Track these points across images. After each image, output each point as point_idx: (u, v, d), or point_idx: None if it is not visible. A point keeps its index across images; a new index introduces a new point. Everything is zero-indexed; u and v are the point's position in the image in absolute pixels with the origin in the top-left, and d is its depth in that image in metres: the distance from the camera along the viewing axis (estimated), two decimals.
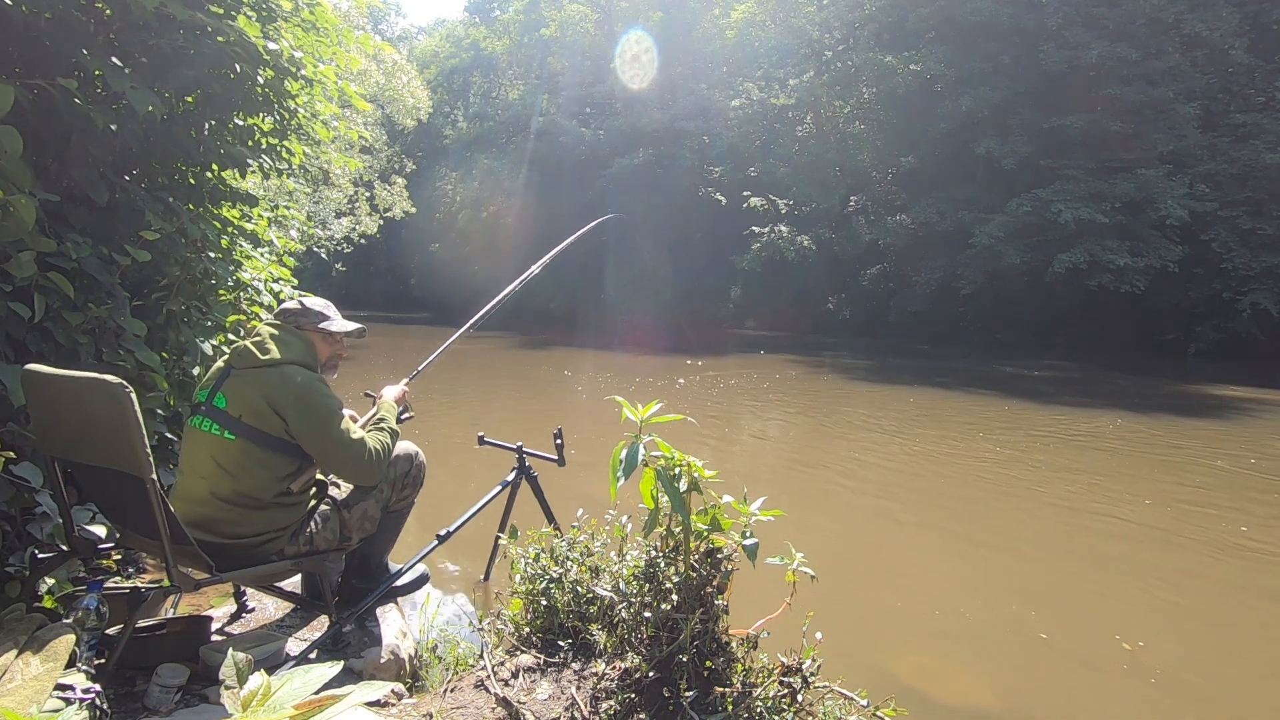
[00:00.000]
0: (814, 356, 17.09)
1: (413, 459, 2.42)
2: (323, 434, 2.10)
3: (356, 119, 13.68)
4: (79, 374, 1.81)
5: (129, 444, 1.75)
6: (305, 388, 2.11)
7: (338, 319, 2.36)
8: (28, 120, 2.42)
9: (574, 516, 2.55)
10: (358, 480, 2.22)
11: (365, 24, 12.34)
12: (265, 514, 2.08)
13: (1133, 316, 20.44)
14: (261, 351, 2.14)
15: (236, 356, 2.16)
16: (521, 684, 2.08)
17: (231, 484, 2.04)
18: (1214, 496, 5.70)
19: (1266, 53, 20.72)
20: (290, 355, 2.16)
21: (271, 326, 2.25)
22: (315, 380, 2.17)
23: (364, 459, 2.14)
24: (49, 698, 1.55)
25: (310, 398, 2.11)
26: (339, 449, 2.11)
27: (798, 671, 1.84)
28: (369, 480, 2.20)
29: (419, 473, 2.45)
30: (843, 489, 5.80)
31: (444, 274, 36.61)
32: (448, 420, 7.98)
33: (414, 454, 2.43)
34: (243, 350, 2.16)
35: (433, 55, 44.03)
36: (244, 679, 1.07)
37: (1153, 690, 2.87)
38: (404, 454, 2.41)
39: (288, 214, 5.24)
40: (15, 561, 2.20)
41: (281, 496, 2.10)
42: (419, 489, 2.46)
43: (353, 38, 3.84)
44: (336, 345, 2.37)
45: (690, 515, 1.87)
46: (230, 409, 2.08)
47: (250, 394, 2.08)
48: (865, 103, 26.59)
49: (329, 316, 2.35)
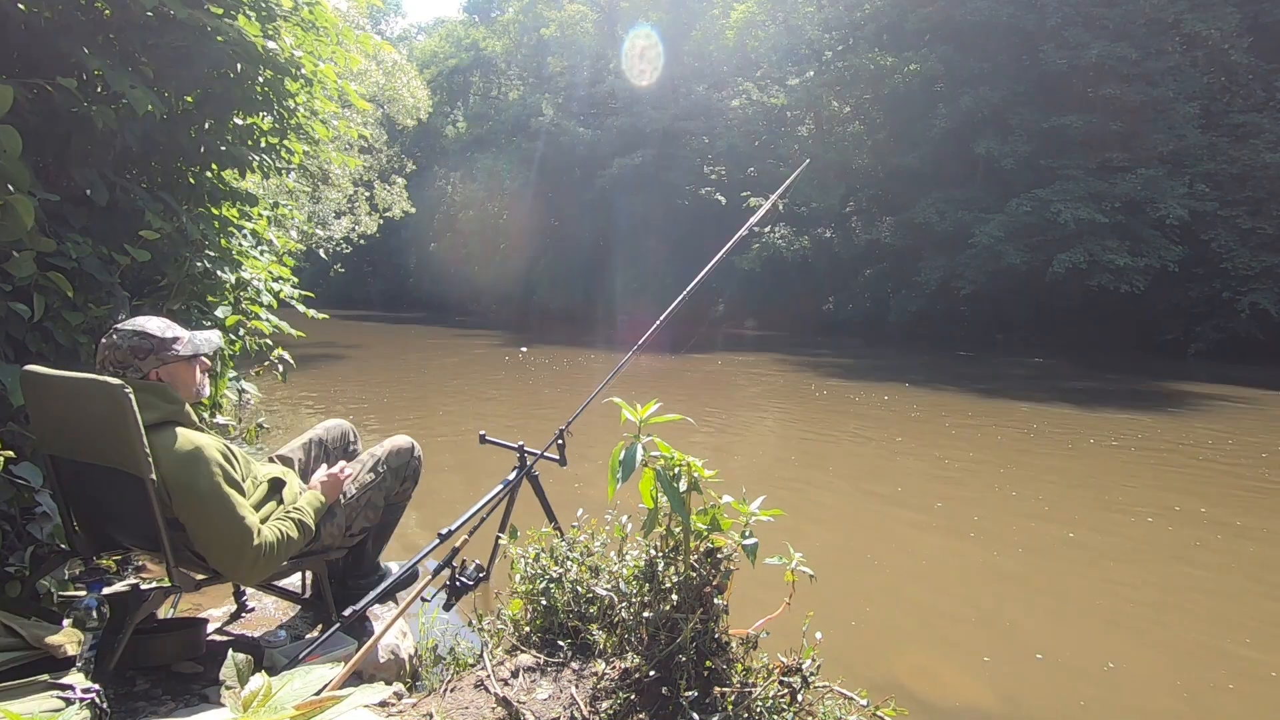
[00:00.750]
0: (814, 356, 17.09)
1: (410, 452, 2.41)
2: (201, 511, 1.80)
3: (356, 118, 13.68)
4: (78, 374, 1.81)
5: (128, 444, 1.74)
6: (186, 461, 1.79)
7: (186, 334, 1.96)
8: (28, 120, 2.43)
9: (575, 516, 2.55)
10: (227, 570, 1.88)
11: (365, 24, 12.33)
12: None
13: (1133, 316, 20.44)
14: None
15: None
16: (521, 684, 2.08)
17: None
18: (1216, 497, 5.70)
19: (1266, 53, 20.72)
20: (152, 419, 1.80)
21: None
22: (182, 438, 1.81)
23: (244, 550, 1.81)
24: (49, 698, 1.56)
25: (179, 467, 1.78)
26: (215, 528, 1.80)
27: (797, 671, 1.84)
28: (245, 575, 1.89)
29: (417, 466, 2.44)
30: (842, 489, 5.80)
31: (442, 274, 36.65)
32: (448, 419, 7.98)
33: (410, 447, 2.42)
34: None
35: (433, 55, 44.01)
36: (244, 679, 1.07)
37: (1154, 690, 2.87)
38: (402, 448, 2.40)
39: (288, 214, 5.24)
40: (15, 561, 2.20)
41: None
42: (416, 483, 2.46)
43: (352, 37, 3.84)
44: (193, 367, 1.99)
45: (690, 515, 1.87)
46: None
47: None
48: (865, 103, 26.58)
49: (168, 338, 1.92)
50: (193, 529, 1.82)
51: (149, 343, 1.90)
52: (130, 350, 1.88)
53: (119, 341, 1.88)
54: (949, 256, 21.88)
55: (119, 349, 1.88)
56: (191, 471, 1.79)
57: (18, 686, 1.60)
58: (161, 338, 1.92)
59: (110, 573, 2.63)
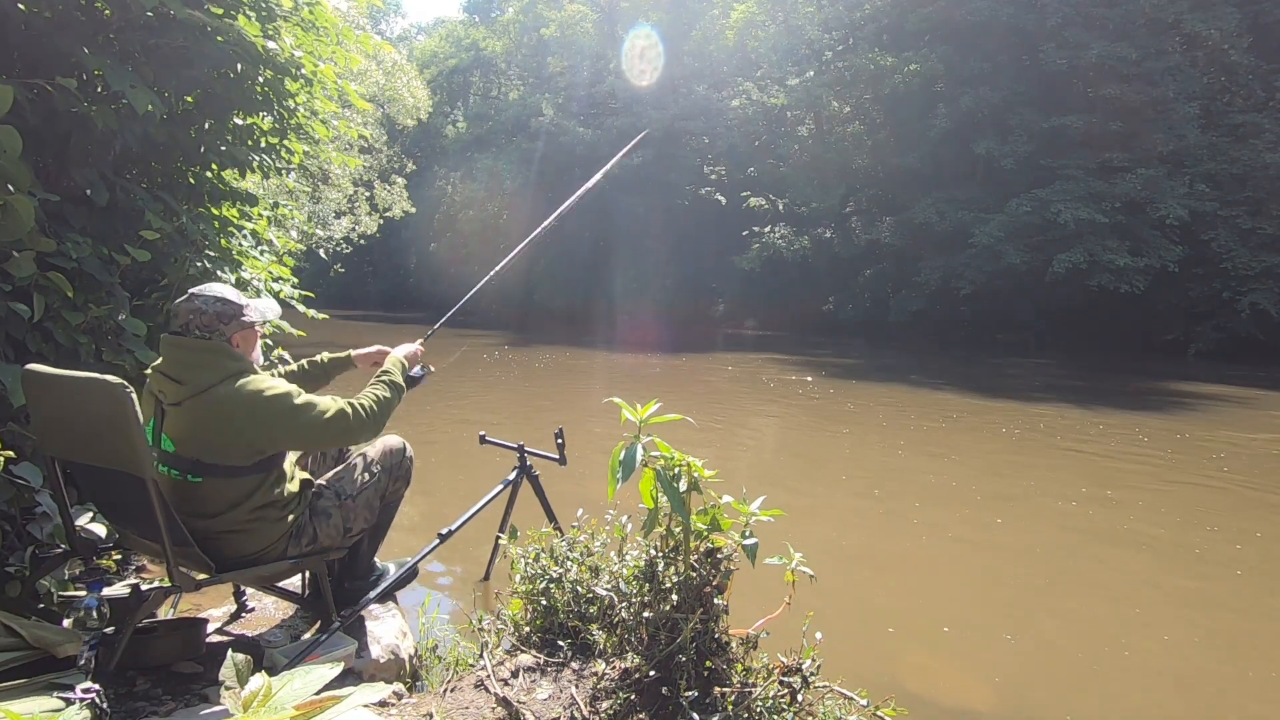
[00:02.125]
0: (814, 356, 17.09)
1: (402, 452, 2.42)
2: (294, 433, 1.96)
3: (356, 118, 13.68)
4: (79, 374, 1.81)
5: (129, 444, 1.74)
6: (254, 400, 1.90)
7: (251, 303, 2.09)
8: (28, 120, 2.43)
9: (575, 516, 2.55)
10: (354, 443, 2.14)
11: (365, 24, 12.33)
12: (252, 535, 2.02)
13: (1133, 316, 20.44)
14: (181, 381, 1.90)
15: (159, 391, 1.93)
16: (521, 684, 2.08)
17: (206, 524, 1.94)
18: (1217, 496, 5.71)
19: (1266, 53, 20.72)
20: (216, 374, 1.91)
21: (177, 346, 1.94)
22: (256, 384, 1.93)
23: (349, 428, 2.01)
24: (49, 698, 1.56)
25: (264, 408, 1.91)
26: (318, 434, 1.98)
27: (797, 671, 1.84)
28: (367, 438, 2.09)
29: (409, 465, 2.44)
30: (842, 489, 5.80)
31: (442, 274, 36.64)
32: (449, 419, 7.98)
33: (403, 447, 2.42)
34: (161, 383, 1.91)
35: (433, 55, 44.01)
36: (244, 679, 1.07)
37: (1154, 690, 2.87)
38: (394, 448, 2.40)
39: (288, 214, 5.24)
40: (15, 561, 2.20)
41: (265, 509, 2.01)
42: (408, 482, 2.45)
43: (352, 37, 3.84)
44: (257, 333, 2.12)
45: (690, 515, 1.87)
46: (182, 451, 1.91)
47: (198, 431, 1.90)
48: (865, 103, 26.58)
49: (242, 305, 2.03)
50: (297, 444, 2.03)
51: (231, 308, 2.00)
52: (216, 315, 1.97)
53: (203, 307, 1.97)
54: (949, 256, 21.88)
55: (204, 314, 1.96)
56: (264, 408, 1.91)
57: (18, 686, 1.60)
58: (240, 304, 2.03)
59: (110, 573, 2.63)
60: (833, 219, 26.82)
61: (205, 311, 1.97)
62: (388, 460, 2.34)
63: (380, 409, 2.11)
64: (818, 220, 27.06)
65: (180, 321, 1.98)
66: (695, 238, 29.32)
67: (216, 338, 1.97)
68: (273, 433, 1.94)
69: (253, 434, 1.91)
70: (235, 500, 1.96)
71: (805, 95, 27.26)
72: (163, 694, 1.95)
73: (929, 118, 23.41)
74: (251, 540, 2.02)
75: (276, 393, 1.94)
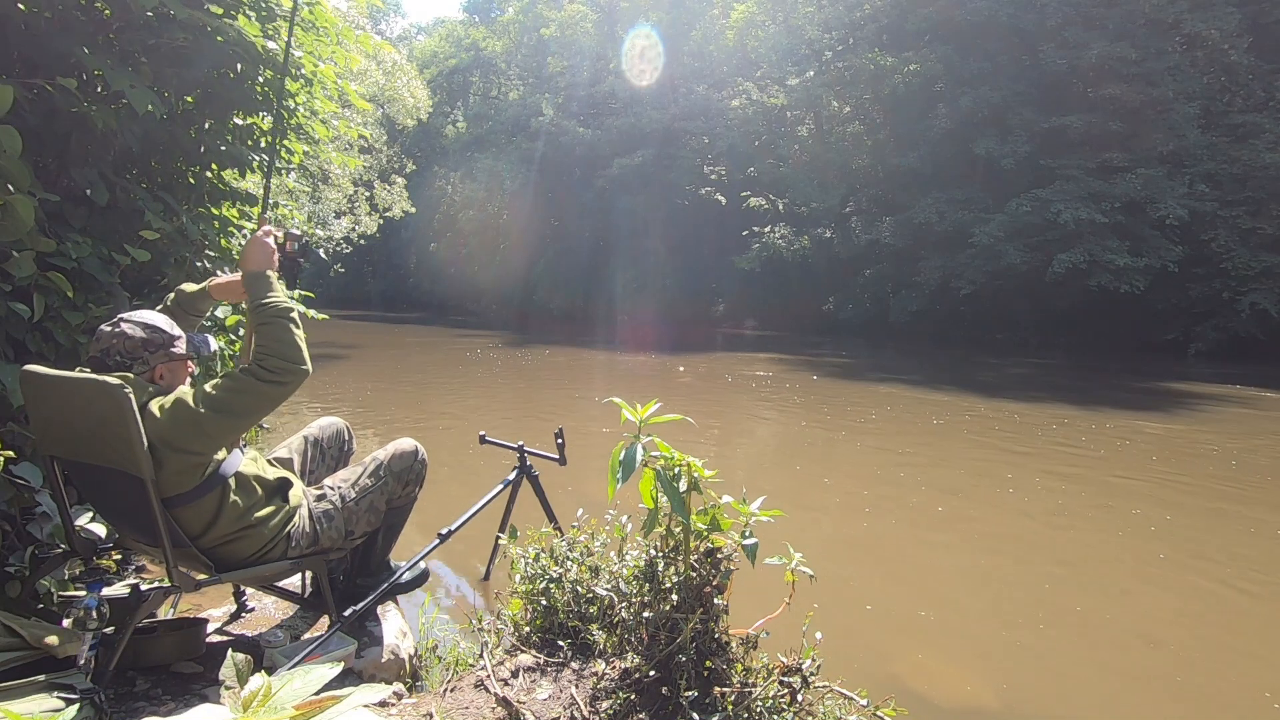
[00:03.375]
0: (814, 356, 17.09)
1: (414, 455, 2.41)
2: (203, 427, 1.80)
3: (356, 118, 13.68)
4: (78, 374, 1.81)
5: (128, 444, 1.74)
6: (162, 422, 1.78)
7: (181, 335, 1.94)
8: (28, 120, 2.43)
9: (575, 516, 2.55)
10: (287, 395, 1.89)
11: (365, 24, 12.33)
12: (248, 539, 2.00)
13: (1133, 316, 20.44)
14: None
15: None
16: (521, 683, 2.08)
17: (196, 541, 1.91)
18: (1219, 496, 5.70)
19: (1266, 53, 20.72)
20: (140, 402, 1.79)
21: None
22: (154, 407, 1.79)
23: (265, 391, 1.82)
24: (49, 698, 1.56)
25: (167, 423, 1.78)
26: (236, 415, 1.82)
27: (797, 671, 1.84)
28: (295, 381, 1.86)
29: (421, 469, 2.43)
30: (842, 488, 5.80)
31: (442, 274, 36.68)
32: (449, 419, 7.98)
33: (414, 450, 2.42)
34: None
35: (432, 55, 44.03)
36: (244, 679, 1.07)
37: (1154, 690, 2.87)
38: (406, 451, 2.38)
39: (288, 214, 5.24)
40: (15, 561, 2.20)
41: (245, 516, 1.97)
42: (421, 485, 2.45)
43: (352, 37, 3.84)
44: (187, 367, 1.98)
45: (690, 515, 1.87)
46: None
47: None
48: (865, 103, 26.60)
49: (174, 335, 1.91)
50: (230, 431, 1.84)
51: (161, 337, 1.89)
52: (142, 343, 1.86)
53: (129, 332, 1.86)
54: (949, 256, 21.89)
55: (129, 339, 1.85)
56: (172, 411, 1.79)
57: (18, 686, 1.60)
58: (170, 334, 1.92)
59: (110, 573, 2.63)
60: (833, 219, 26.83)
61: (130, 337, 1.85)
62: (397, 464, 2.33)
63: (283, 350, 1.85)
64: (818, 220, 27.07)
65: (100, 347, 1.84)
66: (695, 238, 29.34)
67: (139, 366, 1.85)
68: (193, 442, 1.80)
69: (175, 456, 1.80)
70: (208, 520, 1.91)
71: (805, 95, 27.28)
72: (163, 694, 1.95)
73: (929, 118, 23.42)
74: (246, 545, 2.01)
75: (173, 398, 1.80)
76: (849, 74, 25.74)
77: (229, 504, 1.93)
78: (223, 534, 1.95)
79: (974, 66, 22.91)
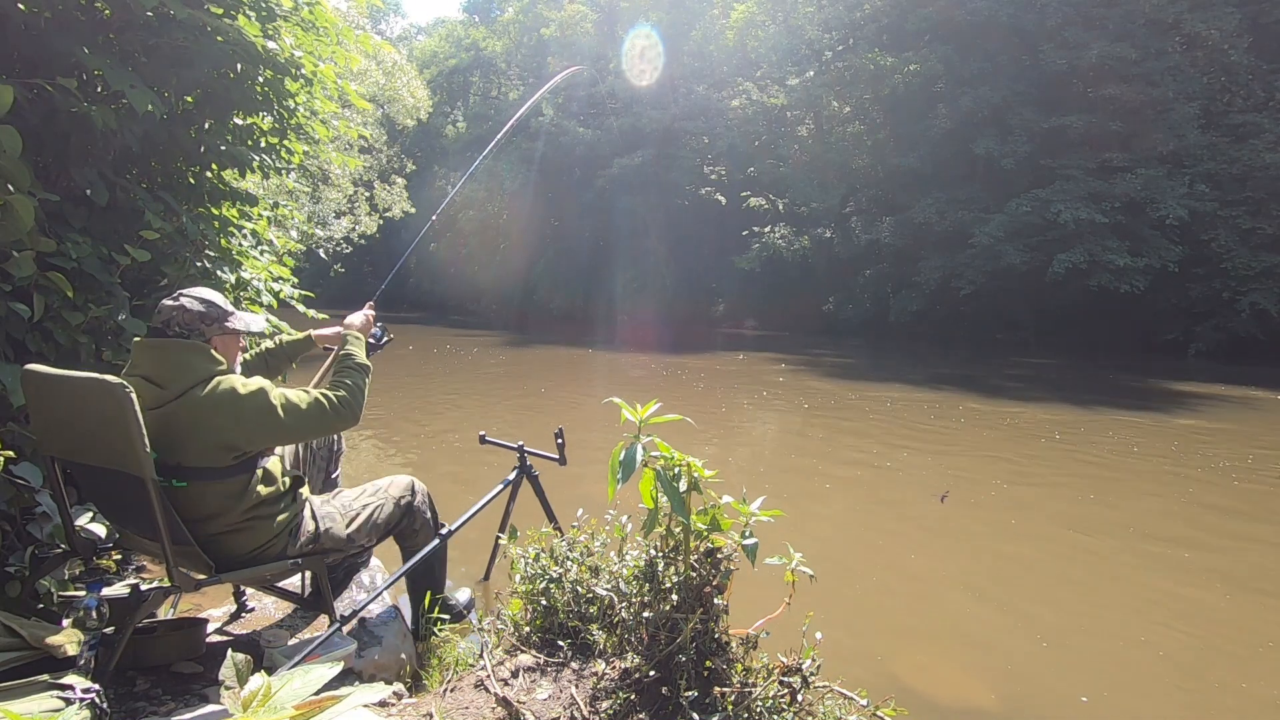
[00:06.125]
0: (814, 356, 17.09)
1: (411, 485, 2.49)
2: (273, 430, 1.94)
3: (356, 118, 13.69)
4: (79, 374, 1.81)
5: (129, 444, 1.74)
6: (232, 399, 1.88)
7: (237, 312, 2.07)
8: (28, 120, 2.43)
9: (575, 516, 2.55)
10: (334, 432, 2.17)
11: (365, 24, 12.34)
12: (249, 533, 2.02)
13: (1133, 316, 20.44)
14: (161, 385, 1.87)
15: (137, 394, 1.79)
16: (521, 683, 2.08)
17: (202, 526, 1.93)
18: (1220, 496, 5.70)
19: (1266, 53, 20.72)
20: (195, 376, 1.89)
21: (157, 348, 1.91)
22: (231, 384, 1.91)
23: (326, 419, 2.02)
24: (49, 698, 1.56)
25: (241, 406, 1.88)
26: (297, 429, 1.98)
27: (797, 671, 1.84)
28: (346, 426, 2.10)
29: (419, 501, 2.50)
30: (842, 489, 5.80)
31: (442, 274, 36.64)
32: (449, 419, 7.98)
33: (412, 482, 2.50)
34: (138, 387, 1.79)
35: (432, 55, 44.00)
36: (244, 679, 1.07)
37: (1154, 689, 2.87)
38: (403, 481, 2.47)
39: (288, 214, 5.24)
40: (15, 561, 2.20)
41: (258, 508, 2.00)
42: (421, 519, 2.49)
43: (352, 36, 3.84)
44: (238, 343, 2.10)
45: (690, 515, 1.87)
46: (163, 456, 1.84)
47: (178, 435, 1.86)
48: (865, 103, 26.58)
49: (230, 311, 2.03)
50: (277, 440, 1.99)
51: (216, 311, 2.00)
52: (199, 316, 1.97)
53: (188, 306, 1.97)
54: (949, 256, 21.89)
55: (188, 312, 1.96)
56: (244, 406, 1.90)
57: (18, 686, 1.60)
58: (224, 309, 2.03)
59: (110, 573, 2.63)
60: (833, 219, 26.83)
61: (189, 310, 1.96)
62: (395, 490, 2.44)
63: (354, 395, 2.12)
64: (818, 220, 27.07)
65: (161, 319, 1.96)
66: (695, 238, 29.33)
67: (195, 338, 1.95)
68: (252, 432, 1.92)
69: (232, 435, 1.89)
70: (225, 503, 1.95)
71: (805, 95, 27.28)
72: (163, 694, 1.95)
73: (929, 118, 23.42)
74: (250, 538, 2.02)
75: (252, 390, 1.92)
76: (849, 74, 25.74)
77: (252, 491, 1.98)
78: (234, 521, 1.97)
79: (974, 66, 22.91)
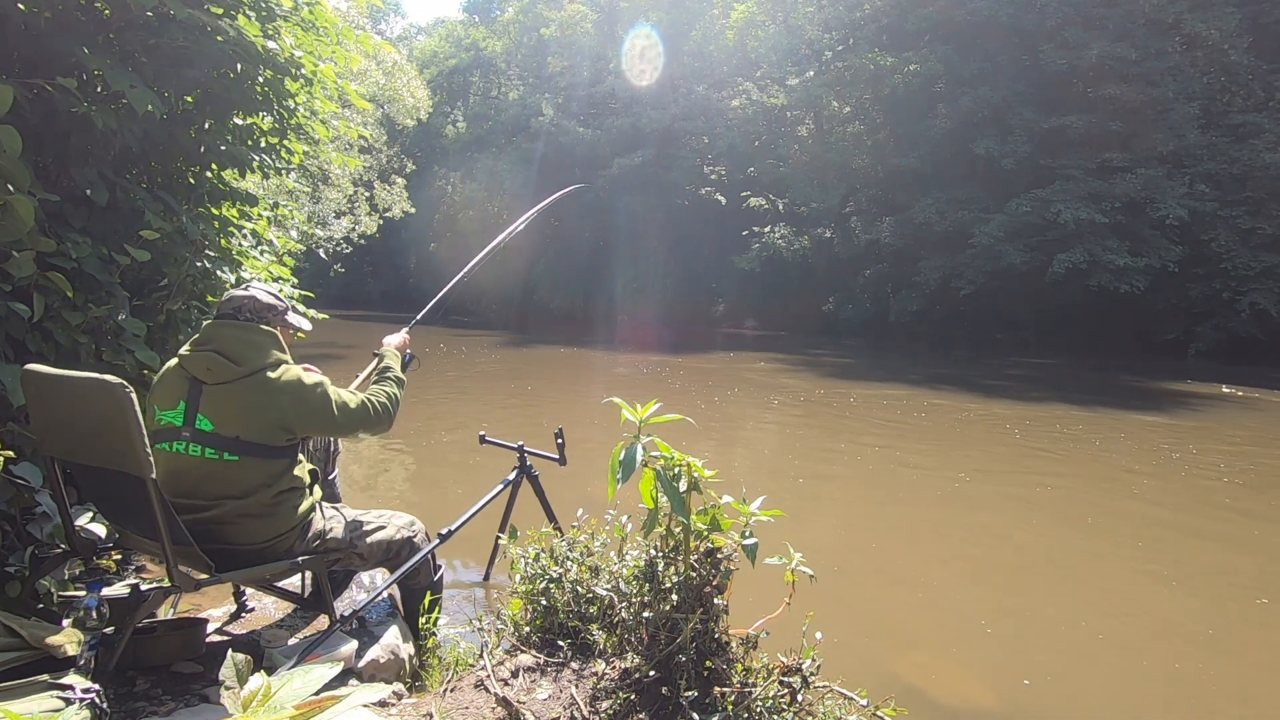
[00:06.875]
0: (814, 356, 17.09)
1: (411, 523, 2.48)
2: (326, 419, 2.10)
3: (356, 118, 13.69)
4: (79, 374, 1.81)
5: (129, 444, 1.74)
6: (297, 385, 2.04)
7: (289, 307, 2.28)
8: (28, 120, 2.43)
9: (575, 516, 2.55)
10: (371, 433, 2.31)
11: (365, 24, 12.34)
12: (274, 519, 2.06)
13: (1133, 316, 20.44)
14: (237, 361, 1.99)
15: (204, 370, 1.98)
16: (521, 683, 2.08)
17: (238, 504, 1.98)
18: (1221, 496, 5.70)
19: (1266, 53, 20.72)
20: (267, 358, 2.03)
21: (233, 327, 2.06)
22: (296, 371, 2.08)
23: (369, 420, 2.20)
24: (49, 698, 1.56)
25: (305, 393, 2.04)
26: (344, 422, 2.14)
27: (797, 671, 1.84)
28: (383, 430, 2.27)
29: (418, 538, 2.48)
30: (842, 489, 5.80)
31: (442, 274, 36.53)
32: (449, 418, 7.98)
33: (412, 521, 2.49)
34: (210, 362, 1.97)
35: (432, 55, 43.99)
36: (244, 679, 1.07)
37: (1154, 689, 2.87)
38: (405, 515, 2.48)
39: (288, 214, 5.24)
40: (15, 561, 2.20)
41: (288, 494, 2.08)
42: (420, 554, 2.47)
43: (352, 36, 3.84)
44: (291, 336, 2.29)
45: (690, 515, 1.87)
46: (222, 430, 1.95)
47: (244, 410, 1.97)
48: (865, 103, 26.58)
49: (286, 307, 2.24)
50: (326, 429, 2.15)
51: (281, 304, 2.20)
52: (268, 306, 2.15)
53: (259, 296, 2.15)
54: (949, 256, 21.89)
55: (259, 302, 2.14)
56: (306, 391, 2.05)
57: (18, 686, 1.60)
58: (285, 304, 2.22)
59: (110, 573, 2.63)
60: (833, 219, 26.83)
61: (261, 300, 2.14)
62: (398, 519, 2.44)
63: (393, 404, 2.30)
64: (818, 220, 27.07)
65: (231, 305, 2.11)
66: (695, 238, 29.32)
67: (263, 325, 2.11)
68: (309, 418, 2.06)
69: (293, 418, 2.02)
70: (266, 481, 2.02)
71: (805, 95, 27.27)
72: (163, 694, 1.95)
73: (929, 118, 23.42)
74: (271, 525, 2.06)
75: (314, 380, 2.10)
76: (849, 74, 25.73)
77: (288, 473, 2.08)
78: (266, 501, 2.03)
79: (974, 66, 22.91)
